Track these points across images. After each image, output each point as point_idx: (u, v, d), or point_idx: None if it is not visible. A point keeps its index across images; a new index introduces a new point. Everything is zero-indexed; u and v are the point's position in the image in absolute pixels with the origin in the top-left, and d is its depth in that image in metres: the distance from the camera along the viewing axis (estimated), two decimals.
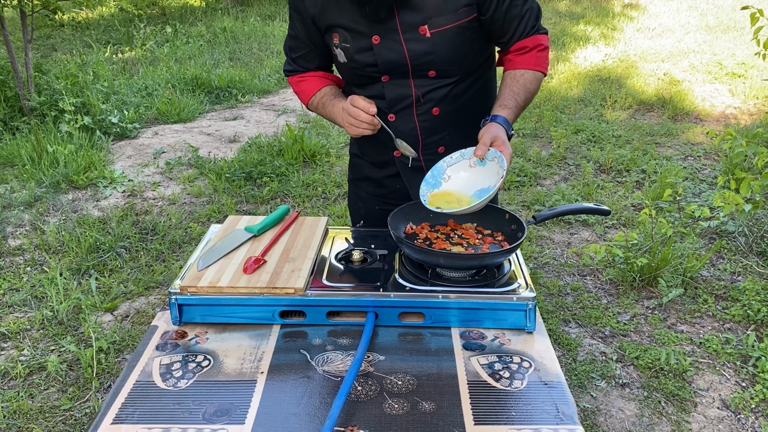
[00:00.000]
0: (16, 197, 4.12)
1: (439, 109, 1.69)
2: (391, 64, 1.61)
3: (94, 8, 10.56)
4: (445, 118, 1.71)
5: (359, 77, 1.69)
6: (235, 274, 1.43)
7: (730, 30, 8.94)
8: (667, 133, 5.39)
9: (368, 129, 1.62)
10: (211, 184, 4.39)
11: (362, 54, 1.62)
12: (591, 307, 3.09)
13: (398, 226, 1.57)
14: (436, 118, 1.70)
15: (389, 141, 1.68)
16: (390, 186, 1.87)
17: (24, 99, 5.27)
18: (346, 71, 1.72)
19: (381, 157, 1.83)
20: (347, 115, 1.62)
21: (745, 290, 3.12)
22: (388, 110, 1.70)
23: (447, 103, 1.69)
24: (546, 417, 1.15)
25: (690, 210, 3.11)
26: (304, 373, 1.26)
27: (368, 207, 1.95)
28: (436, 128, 1.72)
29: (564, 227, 3.88)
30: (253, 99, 6.53)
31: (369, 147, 1.85)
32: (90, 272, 3.36)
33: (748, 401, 2.49)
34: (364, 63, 1.63)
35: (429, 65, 1.62)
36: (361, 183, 1.96)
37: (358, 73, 1.67)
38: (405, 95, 1.66)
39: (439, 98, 1.67)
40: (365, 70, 1.65)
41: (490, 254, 1.46)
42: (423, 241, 1.53)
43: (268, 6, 11.42)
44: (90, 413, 2.45)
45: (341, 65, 1.71)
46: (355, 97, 1.62)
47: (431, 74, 1.64)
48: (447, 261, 1.43)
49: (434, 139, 1.73)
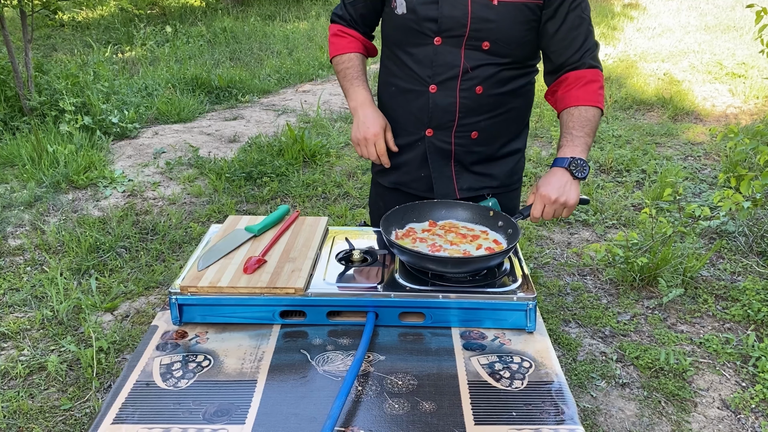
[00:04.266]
0: (16, 197, 4.12)
1: (482, 88, 1.66)
2: (451, 21, 1.59)
3: (94, 8, 10.55)
4: (486, 100, 1.68)
5: (413, 34, 1.65)
6: (235, 274, 1.43)
7: (730, 30, 8.94)
8: (667, 133, 5.39)
9: (371, 156, 1.73)
10: (211, 184, 4.39)
11: (426, 6, 1.60)
12: (591, 307, 3.09)
13: (390, 230, 1.57)
14: (477, 98, 1.68)
15: (423, 116, 1.71)
16: (414, 173, 1.82)
17: (24, 99, 5.27)
18: (400, 26, 1.68)
19: (410, 137, 1.78)
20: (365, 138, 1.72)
21: (745, 290, 3.12)
22: (432, 80, 1.68)
23: (491, 85, 1.67)
24: (546, 417, 1.15)
25: (690, 210, 3.11)
26: (305, 373, 1.26)
27: (389, 206, 1.91)
28: (475, 109, 1.69)
29: (564, 227, 3.88)
30: (253, 99, 6.53)
31: (400, 125, 1.80)
32: (90, 272, 3.36)
33: (748, 401, 2.49)
34: (424, 16, 1.61)
35: (487, 34, 1.60)
36: (383, 174, 1.88)
37: (414, 28, 1.64)
38: (453, 64, 1.64)
39: (485, 77, 1.65)
40: (422, 25, 1.62)
41: (491, 256, 1.46)
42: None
43: (268, 6, 11.41)
44: (90, 413, 2.45)
45: (396, 19, 1.67)
46: (389, 137, 1.73)
47: (485, 46, 1.62)
48: (450, 267, 1.42)
49: (470, 121, 1.71)
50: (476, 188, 1.81)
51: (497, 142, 1.78)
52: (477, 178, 1.81)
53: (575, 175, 1.57)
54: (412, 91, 1.73)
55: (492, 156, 1.80)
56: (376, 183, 1.96)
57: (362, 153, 1.76)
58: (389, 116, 1.79)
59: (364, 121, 1.72)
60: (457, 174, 1.79)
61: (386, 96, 1.83)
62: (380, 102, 1.84)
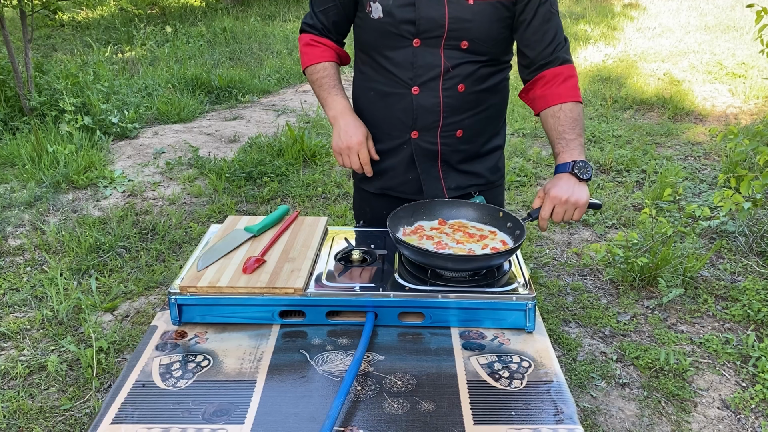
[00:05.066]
0: (16, 197, 4.12)
1: (464, 86, 1.68)
2: (429, 22, 1.60)
3: (94, 8, 10.56)
4: (468, 97, 1.70)
5: (391, 37, 1.65)
6: (235, 274, 1.43)
7: (729, 30, 8.94)
8: (667, 133, 5.39)
9: (354, 166, 1.73)
10: (211, 184, 4.39)
11: (402, 9, 1.61)
12: (591, 307, 3.09)
13: (397, 228, 1.57)
14: (460, 96, 1.69)
15: (407, 118, 1.71)
16: (401, 177, 1.82)
17: (24, 99, 5.28)
18: (376, 30, 1.67)
19: (394, 141, 1.78)
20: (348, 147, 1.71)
21: (745, 290, 3.12)
22: (414, 82, 1.68)
23: (472, 82, 1.69)
24: (546, 417, 1.15)
25: (690, 210, 3.11)
26: (304, 373, 1.26)
27: (375, 211, 1.90)
28: (458, 107, 1.71)
29: (564, 227, 3.88)
30: (253, 99, 6.53)
31: (383, 130, 1.79)
32: (90, 272, 3.36)
33: (748, 401, 2.49)
34: (402, 19, 1.61)
35: (464, 33, 1.62)
36: (367, 181, 1.88)
37: (392, 31, 1.64)
38: (434, 65, 1.65)
39: (466, 74, 1.67)
40: (400, 28, 1.63)
41: (493, 255, 1.46)
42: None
43: (268, 6, 11.42)
44: (90, 413, 2.45)
45: (372, 23, 1.67)
46: (370, 145, 1.73)
47: (463, 45, 1.63)
48: (452, 264, 1.43)
49: (455, 119, 1.72)
50: (463, 187, 1.83)
51: (480, 140, 1.80)
52: (463, 177, 1.82)
53: (580, 178, 1.59)
54: (394, 95, 1.72)
55: (476, 153, 1.82)
56: (359, 189, 1.94)
57: (344, 162, 1.74)
58: (369, 122, 1.78)
59: (346, 130, 1.71)
60: (444, 174, 1.80)
61: (365, 101, 1.81)
62: (358, 108, 1.82)
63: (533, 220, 1.62)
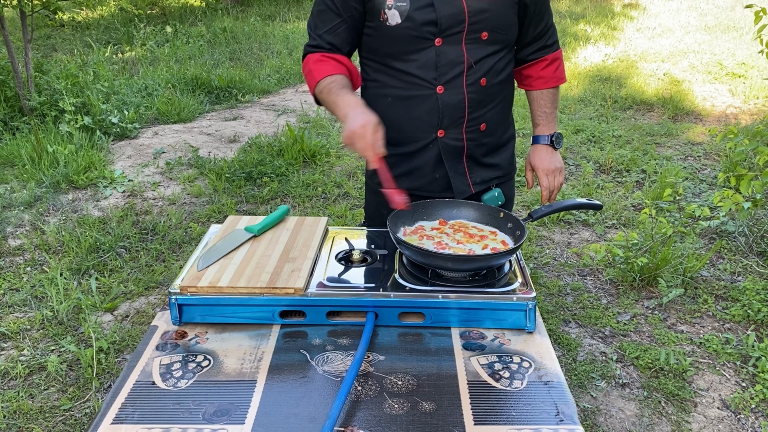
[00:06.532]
0: (16, 197, 4.12)
1: (486, 80, 1.71)
2: (450, 19, 1.61)
3: (94, 8, 10.56)
4: (490, 90, 1.73)
5: (412, 41, 1.64)
6: (235, 274, 1.43)
7: (729, 30, 8.94)
8: (667, 133, 5.39)
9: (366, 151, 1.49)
10: (211, 184, 4.39)
11: (422, 11, 1.61)
12: (591, 307, 3.09)
13: (397, 228, 1.57)
14: (482, 90, 1.72)
15: (433, 118, 1.72)
16: (429, 176, 1.79)
17: (24, 99, 5.28)
18: (395, 37, 1.64)
19: (419, 143, 1.75)
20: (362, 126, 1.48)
21: (745, 290, 3.12)
22: (438, 81, 1.68)
23: (492, 75, 1.72)
24: (546, 417, 1.15)
25: (690, 210, 3.11)
26: (304, 373, 1.26)
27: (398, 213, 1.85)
28: (481, 101, 1.73)
29: (564, 227, 3.88)
30: (253, 99, 6.53)
31: (407, 133, 1.74)
32: (90, 272, 3.36)
33: (748, 401, 2.49)
34: (422, 21, 1.61)
35: (484, 24, 1.64)
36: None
37: (413, 35, 1.63)
38: (457, 61, 1.66)
39: (487, 68, 1.71)
40: (421, 30, 1.62)
41: (493, 255, 1.46)
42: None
43: (268, 6, 11.42)
44: (90, 413, 2.45)
45: (389, 30, 1.63)
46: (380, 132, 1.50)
47: (483, 36, 1.66)
48: (452, 264, 1.42)
49: (478, 114, 1.75)
50: (487, 180, 1.86)
51: (500, 131, 1.85)
52: (486, 170, 1.85)
53: (555, 147, 1.90)
54: (417, 97, 1.71)
55: (497, 145, 1.86)
56: (377, 192, 1.82)
57: (357, 145, 1.53)
58: (390, 127, 1.67)
59: (355, 118, 1.54)
60: (470, 169, 1.82)
61: (382, 108, 1.69)
62: None
63: (534, 221, 1.63)
